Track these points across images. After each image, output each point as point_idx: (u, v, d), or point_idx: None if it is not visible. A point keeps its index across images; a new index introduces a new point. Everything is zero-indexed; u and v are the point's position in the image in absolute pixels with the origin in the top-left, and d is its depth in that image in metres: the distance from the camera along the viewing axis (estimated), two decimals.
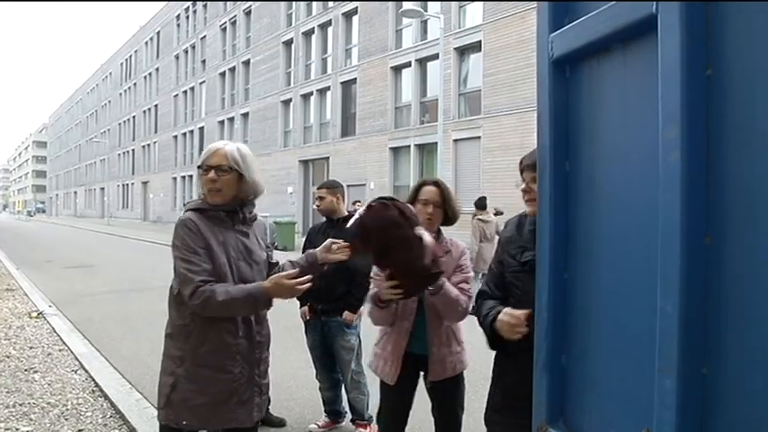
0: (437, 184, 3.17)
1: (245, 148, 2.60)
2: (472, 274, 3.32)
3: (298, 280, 2.46)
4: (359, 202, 13.32)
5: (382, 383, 3.24)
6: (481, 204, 10.39)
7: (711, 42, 1.00)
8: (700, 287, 1.03)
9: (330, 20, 27.99)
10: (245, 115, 35.31)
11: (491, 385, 2.48)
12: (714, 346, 1.02)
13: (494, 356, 2.47)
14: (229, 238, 2.50)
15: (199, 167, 2.53)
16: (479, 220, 10.09)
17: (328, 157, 27.57)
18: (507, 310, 2.17)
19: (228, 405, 2.48)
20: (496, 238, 8.40)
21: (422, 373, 3.24)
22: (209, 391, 2.45)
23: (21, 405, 4.66)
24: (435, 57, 19.74)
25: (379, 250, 2.64)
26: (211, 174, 2.46)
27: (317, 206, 4.47)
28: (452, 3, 21.43)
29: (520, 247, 2.28)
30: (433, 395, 3.24)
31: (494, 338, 2.26)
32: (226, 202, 2.50)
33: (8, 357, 6.12)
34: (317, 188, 4.55)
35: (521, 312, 2.08)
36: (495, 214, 10.48)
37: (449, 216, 3.15)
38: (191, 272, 2.37)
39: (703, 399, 1.03)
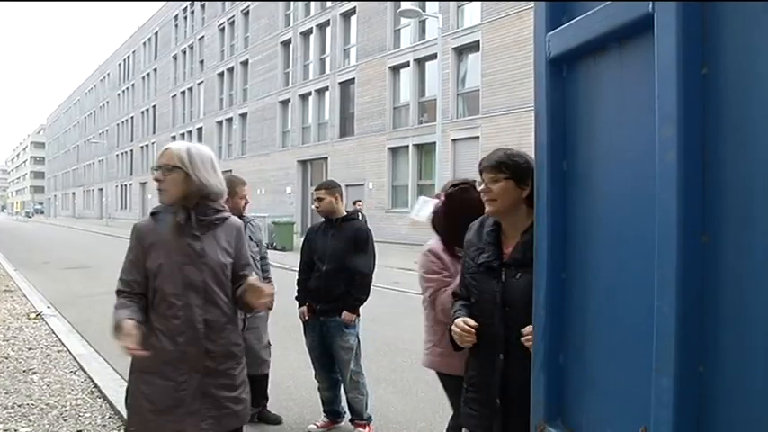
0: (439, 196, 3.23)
1: (198, 147, 2.53)
2: None
3: (126, 340, 2.23)
4: (360, 201, 13.32)
5: (448, 382, 3.03)
6: None
7: (707, 42, 1.01)
8: (696, 286, 1.03)
9: (328, 20, 28.00)
10: (244, 116, 35.31)
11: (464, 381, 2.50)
12: (711, 344, 1.02)
13: None
14: (176, 240, 2.45)
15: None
16: None
17: (327, 158, 27.58)
18: (459, 321, 2.26)
19: (175, 414, 2.39)
20: None
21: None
22: (152, 398, 2.41)
23: (19, 406, 4.66)
24: (433, 57, 19.75)
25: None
26: (157, 173, 2.45)
27: (316, 207, 4.46)
28: (450, 3, 21.45)
29: (477, 250, 2.31)
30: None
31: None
32: (173, 201, 2.46)
33: (6, 358, 6.11)
34: (315, 189, 4.55)
35: (469, 326, 2.21)
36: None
37: None
38: (119, 278, 2.48)
39: (700, 397, 1.03)
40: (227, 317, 2.51)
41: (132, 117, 54.20)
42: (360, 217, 11.61)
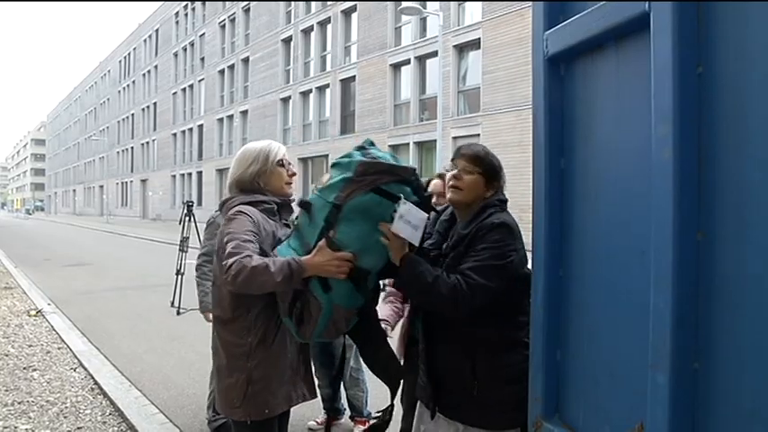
0: (441, 177, 3.22)
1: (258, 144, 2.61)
2: None
3: (341, 254, 2.07)
4: None
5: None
6: None
7: (703, 41, 1.01)
8: (692, 283, 1.03)
9: (329, 17, 27.97)
10: (245, 113, 35.29)
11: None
12: (706, 341, 1.03)
13: None
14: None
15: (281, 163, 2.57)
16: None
17: (327, 155, 27.56)
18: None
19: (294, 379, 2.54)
20: None
21: None
22: (277, 373, 2.47)
23: (20, 403, 4.67)
24: (434, 54, 19.73)
25: None
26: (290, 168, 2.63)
27: None
28: (451, 1, 21.41)
29: (428, 234, 2.29)
30: None
31: None
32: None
33: (7, 356, 6.12)
34: (316, 186, 4.55)
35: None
36: None
37: None
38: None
39: (695, 393, 1.04)
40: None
41: (133, 114, 54.16)
42: None
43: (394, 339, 3.43)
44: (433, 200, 3.12)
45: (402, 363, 3.32)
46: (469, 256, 1.99)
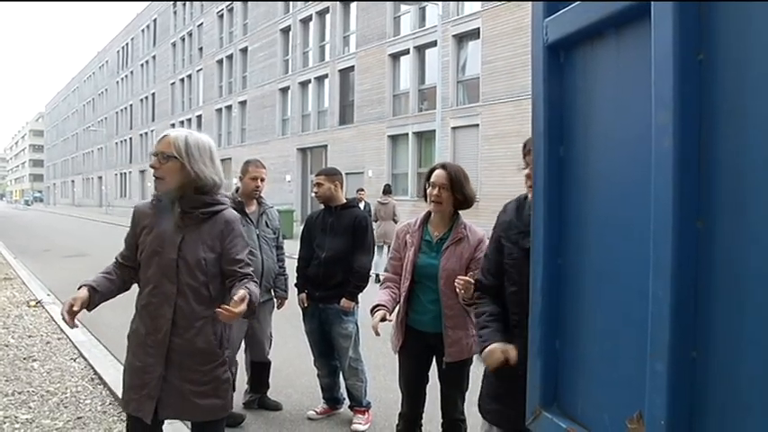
0: (444, 167, 3.21)
1: (197, 137, 2.48)
2: None
3: (65, 305, 2.36)
4: (362, 191, 13.39)
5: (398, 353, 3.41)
6: (386, 190, 13.07)
7: (704, 28, 1.00)
8: (691, 272, 1.03)
9: (328, 7, 27.83)
10: (243, 103, 35.19)
11: (484, 374, 2.49)
12: (704, 330, 1.03)
13: None
14: (162, 228, 2.46)
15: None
16: (378, 202, 12.52)
17: (326, 145, 27.52)
18: (496, 347, 2.17)
19: (139, 393, 2.45)
20: (394, 218, 12.16)
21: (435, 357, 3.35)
22: (126, 374, 2.56)
23: (20, 393, 4.68)
24: (433, 44, 19.65)
25: None
26: (153, 160, 2.44)
27: (315, 193, 4.46)
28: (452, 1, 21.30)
29: (521, 233, 2.20)
30: (444, 376, 3.30)
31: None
32: (167, 190, 2.44)
33: (7, 346, 6.13)
34: (316, 175, 4.55)
35: (510, 357, 2.12)
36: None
37: (459, 199, 3.18)
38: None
39: (693, 382, 1.04)
40: (198, 312, 2.44)
41: (131, 105, 53.98)
42: (363, 206, 11.68)
43: (388, 330, 3.44)
44: (434, 191, 3.12)
45: (399, 348, 3.34)
46: None
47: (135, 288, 2.64)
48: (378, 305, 3.24)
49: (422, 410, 3.42)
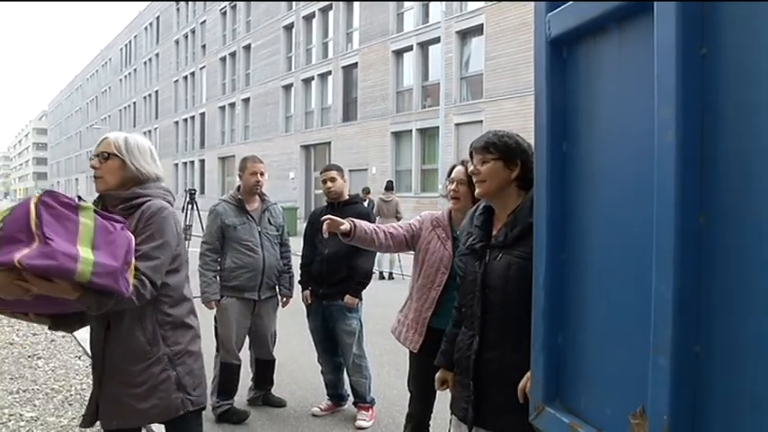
0: (463, 163, 3.20)
1: (136, 137, 2.48)
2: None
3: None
4: (368, 191, 13.42)
5: (409, 351, 3.33)
6: (388, 186, 13.12)
7: (706, 22, 1.00)
8: (693, 267, 1.03)
9: (330, 4, 27.79)
10: (246, 100, 35.19)
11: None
12: (707, 325, 1.03)
13: None
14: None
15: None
16: (381, 199, 12.58)
17: (330, 142, 27.51)
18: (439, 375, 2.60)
19: (92, 392, 2.45)
20: (397, 215, 12.14)
21: None
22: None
23: (25, 391, 4.70)
24: (437, 40, 19.62)
25: None
26: (93, 161, 2.43)
27: (329, 188, 4.43)
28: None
29: (468, 234, 2.32)
30: None
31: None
32: (107, 189, 2.42)
33: (11, 344, 6.16)
34: (326, 170, 4.51)
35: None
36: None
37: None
38: None
39: (696, 377, 1.04)
40: (126, 311, 2.27)
41: (134, 102, 54.04)
42: (367, 203, 11.68)
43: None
44: (452, 186, 3.10)
45: (418, 350, 3.30)
46: None
47: None
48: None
49: (431, 411, 3.41)
